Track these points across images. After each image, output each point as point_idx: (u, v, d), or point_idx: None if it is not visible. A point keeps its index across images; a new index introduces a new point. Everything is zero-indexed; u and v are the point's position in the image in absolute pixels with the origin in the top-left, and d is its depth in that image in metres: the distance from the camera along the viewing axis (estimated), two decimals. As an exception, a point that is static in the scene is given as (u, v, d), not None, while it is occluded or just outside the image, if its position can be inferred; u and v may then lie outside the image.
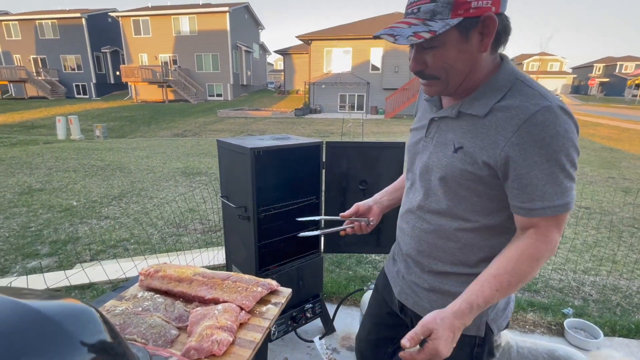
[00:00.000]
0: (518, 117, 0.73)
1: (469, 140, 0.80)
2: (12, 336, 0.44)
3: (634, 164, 7.77)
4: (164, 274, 0.97)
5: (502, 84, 0.77)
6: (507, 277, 0.75)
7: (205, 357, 0.73)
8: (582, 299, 2.66)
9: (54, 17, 26.89)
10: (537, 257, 0.76)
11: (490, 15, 0.70)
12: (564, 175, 0.73)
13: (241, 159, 1.74)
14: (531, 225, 0.77)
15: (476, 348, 0.93)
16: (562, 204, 0.74)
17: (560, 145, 0.71)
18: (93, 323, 0.52)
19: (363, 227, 1.09)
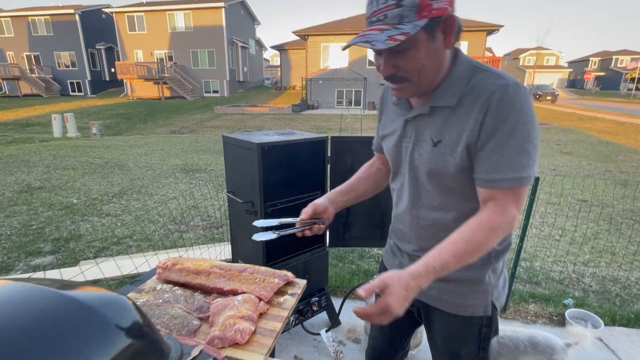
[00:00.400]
0: (481, 97, 0.79)
1: (445, 133, 0.84)
2: (57, 323, 0.45)
3: (631, 157, 7.85)
4: (181, 266, 0.98)
5: (464, 73, 0.83)
6: (463, 244, 0.79)
7: (228, 345, 0.75)
8: (582, 290, 2.71)
9: (47, 14, 26.54)
10: (492, 227, 0.80)
11: (450, 14, 0.76)
12: (519, 150, 0.78)
13: (248, 154, 1.75)
14: (490, 197, 0.81)
15: (484, 328, 0.98)
16: (516, 178, 0.78)
17: (516, 120, 0.77)
18: (128, 311, 0.53)
19: (320, 229, 1.07)
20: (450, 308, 0.98)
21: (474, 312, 0.96)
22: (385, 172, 1.17)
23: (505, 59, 50.16)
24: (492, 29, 20.03)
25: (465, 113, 0.81)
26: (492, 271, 0.95)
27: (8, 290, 0.48)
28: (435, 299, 1.00)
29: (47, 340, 0.43)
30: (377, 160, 1.19)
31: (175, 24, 25.33)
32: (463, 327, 0.99)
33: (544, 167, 6.95)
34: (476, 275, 0.93)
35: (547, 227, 3.93)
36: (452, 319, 0.99)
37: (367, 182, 1.17)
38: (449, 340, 1.03)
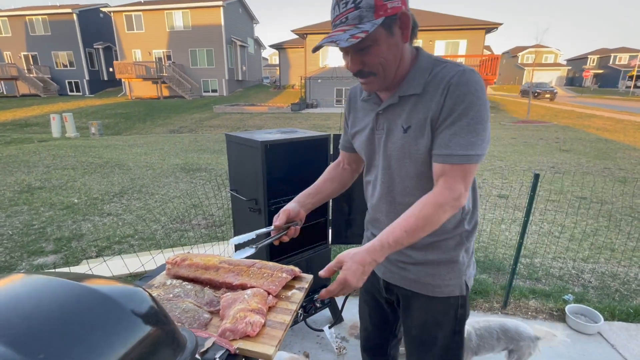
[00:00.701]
0: (442, 82, 0.87)
1: (413, 118, 0.91)
2: (79, 314, 0.47)
3: (629, 155, 7.88)
4: (190, 262, 1.00)
5: (426, 66, 0.92)
6: (414, 219, 0.85)
7: (239, 337, 0.77)
8: (582, 286, 2.73)
9: (45, 13, 26.43)
10: (441, 203, 0.86)
11: (404, 12, 0.85)
12: (470, 129, 0.85)
13: (251, 152, 1.76)
14: (442, 173, 0.88)
15: (459, 309, 1.05)
16: (465, 155, 0.85)
17: (471, 102, 0.84)
18: (146, 302, 0.55)
19: (296, 231, 1.12)
20: (429, 290, 1.03)
21: (450, 292, 1.03)
22: (350, 172, 1.25)
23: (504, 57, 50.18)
24: (491, 27, 20.05)
25: (429, 98, 0.89)
26: (465, 251, 1.03)
27: (32, 283, 0.49)
28: (414, 283, 1.05)
29: (71, 329, 0.45)
30: (343, 160, 1.25)
31: (173, 23, 25.26)
32: (441, 309, 1.05)
33: (544, 165, 6.98)
34: (452, 256, 1.01)
35: (547, 223, 3.96)
36: (431, 302, 1.05)
37: (333, 183, 1.22)
38: (427, 325, 1.08)
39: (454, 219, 0.98)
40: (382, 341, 1.33)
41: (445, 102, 0.86)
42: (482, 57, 18.17)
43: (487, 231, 3.74)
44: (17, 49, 27.66)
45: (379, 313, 1.26)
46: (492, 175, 5.94)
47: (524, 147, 9.10)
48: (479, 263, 3.03)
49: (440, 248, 1.00)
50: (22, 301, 0.45)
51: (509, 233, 3.70)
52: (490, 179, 5.68)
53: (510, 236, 3.62)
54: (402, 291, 1.10)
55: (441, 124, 0.87)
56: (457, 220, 0.99)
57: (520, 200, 4.62)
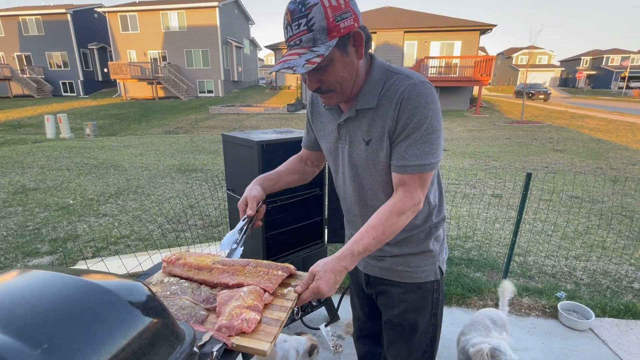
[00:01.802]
0: (394, 96, 0.91)
1: (373, 132, 0.96)
2: (81, 307, 0.48)
3: (621, 155, 7.99)
4: (184, 261, 1.01)
5: (379, 77, 0.94)
6: (381, 228, 0.91)
7: (235, 334, 0.78)
8: (574, 283, 2.78)
9: (38, 13, 26.20)
10: (403, 211, 0.93)
11: (357, 31, 0.86)
12: (424, 140, 0.90)
13: (248, 152, 1.78)
14: (401, 183, 0.94)
15: (434, 294, 1.13)
16: (421, 164, 0.91)
17: (423, 114, 0.89)
18: (145, 295, 0.56)
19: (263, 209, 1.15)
20: (406, 277, 1.10)
21: (426, 277, 1.10)
22: (311, 167, 1.29)
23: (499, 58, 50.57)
24: (485, 29, 20.21)
25: (385, 112, 0.93)
26: (435, 239, 1.10)
27: (35, 278, 0.51)
28: (392, 272, 1.11)
29: (73, 321, 0.46)
30: (306, 157, 1.28)
31: (168, 24, 25.16)
32: (418, 294, 1.11)
33: (537, 165, 7.05)
34: (424, 247, 1.08)
35: (539, 222, 4.01)
36: (409, 289, 1.11)
37: (294, 175, 1.26)
38: (407, 312, 1.13)
39: (422, 214, 1.05)
40: (374, 330, 1.39)
41: (399, 117, 0.90)
42: (476, 58, 18.31)
43: (482, 230, 3.78)
44: (10, 49, 27.39)
45: (368, 302, 1.33)
46: (486, 175, 6.00)
47: (518, 147, 9.19)
48: (473, 261, 3.07)
49: (412, 241, 1.07)
50: (26, 294, 0.47)
51: (503, 232, 3.75)
52: (485, 179, 5.73)
53: (505, 235, 3.67)
54: (381, 282, 1.15)
55: (397, 137, 0.92)
56: (425, 216, 1.06)
57: (514, 199, 4.67)
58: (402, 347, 1.17)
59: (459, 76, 18.38)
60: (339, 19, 0.82)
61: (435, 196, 1.07)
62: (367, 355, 1.46)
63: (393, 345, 1.19)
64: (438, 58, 19.08)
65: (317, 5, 0.80)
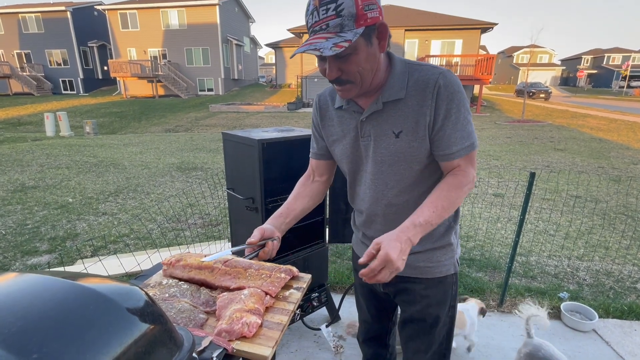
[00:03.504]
0: (427, 85, 0.91)
1: (404, 123, 0.94)
2: (75, 312, 0.46)
3: (623, 154, 7.96)
4: (184, 263, 0.99)
5: (402, 70, 0.94)
6: (441, 202, 0.92)
7: (236, 338, 0.76)
8: (577, 284, 2.75)
9: (38, 11, 26.11)
10: (461, 186, 0.94)
11: (382, 23, 0.86)
12: (466, 122, 0.93)
13: (248, 150, 1.75)
14: (453, 166, 0.96)
15: (453, 286, 1.14)
16: (470, 144, 0.94)
17: (460, 99, 0.91)
18: (142, 300, 0.54)
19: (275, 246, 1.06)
20: (429, 273, 1.10)
21: (447, 271, 1.11)
22: (321, 184, 1.23)
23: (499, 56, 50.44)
24: (486, 27, 20.15)
25: (417, 102, 0.92)
26: (455, 233, 1.11)
27: (26, 282, 0.48)
28: (414, 269, 1.10)
29: (66, 329, 0.44)
30: (314, 171, 1.22)
31: (168, 22, 25.08)
32: (440, 289, 1.12)
33: (539, 164, 7.03)
34: (444, 241, 1.08)
35: (542, 222, 3.99)
36: (431, 284, 1.11)
37: (304, 200, 1.20)
38: (429, 307, 1.13)
39: None
40: (381, 331, 1.37)
41: (438, 105, 0.91)
42: (477, 56, 18.26)
43: (483, 230, 3.76)
44: (9, 46, 27.32)
45: (376, 304, 1.32)
46: (487, 174, 5.98)
47: (519, 146, 9.16)
48: (475, 261, 3.05)
49: (434, 236, 1.07)
50: (16, 300, 0.45)
51: (505, 232, 3.72)
52: (486, 178, 5.71)
53: (506, 235, 3.64)
54: (402, 280, 1.12)
55: (441, 126, 0.92)
56: None
57: (515, 199, 4.64)
58: (422, 342, 1.16)
59: (460, 75, 18.31)
60: (367, 8, 0.82)
61: None
62: (372, 357, 1.45)
63: (413, 340, 1.18)
64: (439, 57, 19.03)
65: None
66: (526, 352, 1.67)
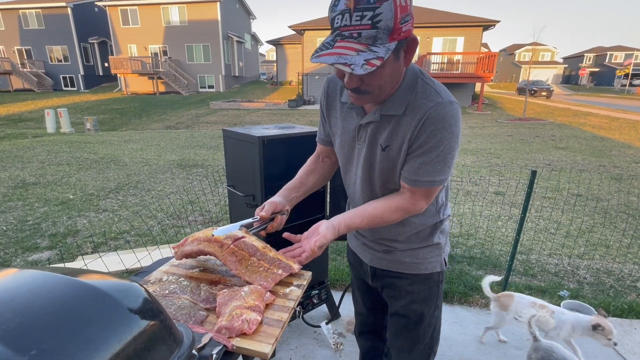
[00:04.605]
0: (419, 113, 0.88)
1: (393, 139, 0.94)
2: (73, 309, 0.46)
3: (624, 152, 7.94)
4: (193, 238, 0.99)
5: (410, 83, 0.90)
6: (379, 220, 0.99)
7: (236, 335, 0.76)
8: (577, 282, 2.75)
9: (38, 7, 26.04)
10: (405, 213, 0.99)
11: (414, 37, 0.82)
12: (439, 159, 0.90)
13: (249, 147, 1.74)
14: (408, 190, 0.97)
15: (440, 284, 1.15)
16: (431, 180, 0.93)
17: (442, 137, 0.88)
18: (141, 297, 0.54)
19: (283, 220, 1.13)
20: (414, 269, 1.11)
21: (432, 268, 1.12)
22: (330, 165, 1.25)
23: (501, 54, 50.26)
24: (489, 25, 20.04)
25: (407, 122, 0.91)
26: (441, 232, 1.12)
27: (25, 277, 0.48)
28: (400, 264, 1.12)
29: (64, 325, 0.44)
30: (322, 153, 1.24)
31: (169, 18, 25.01)
32: (425, 285, 1.13)
33: (540, 162, 7.01)
34: (429, 241, 1.10)
35: (543, 220, 3.98)
36: (417, 280, 1.12)
37: (315, 176, 1.22)
38: (413, 303, 1.14)
39: (430, 213, 1.07)
40: (377, 325, 1.38)
41: (419, 134, 0.89)
42: (479, 54, 18.18)
43: (484, 228, 3.75)
44: (10, 43, 27.27)
45: (370, 296, 1.32)
46: (488, 173, 5.97)
47: (521, 144, 9.14)
48: (475, 259, 3.04)
49: (420, 237, 1.09)
50: (15, 296, 0.44)
51: (505, 230, 3.72)
52: (487, 176, 5.70)
53: (507, 233, 3.64)
54: (388, 274, 1.15)
55: (413, 152, 0.92)
56: (433, 214, 1.07)
57: (516, 197, 4.64)
58: (405, 340, 1.17)
59: (461, 72, 18.26)
60: (402, 21, 0.77)
61: (442, 196, 1.08)
62: (369, 351, 1.45)
63: (397, 337, 1.19)
64: (440, 54, 18.95)
65: (389, 2, 0.73)
66: (538, 358, 1.63)
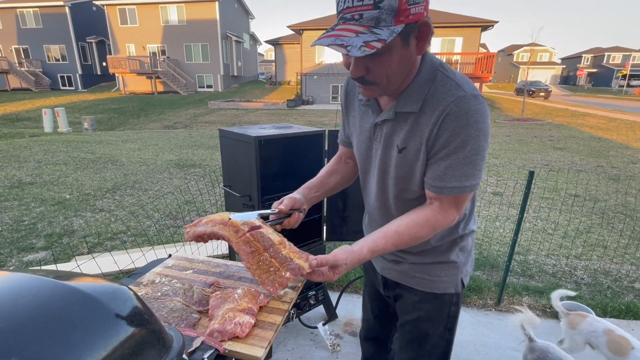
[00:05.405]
0: (438, 109, 0.79)
1: (410, 140, 0.85)
2: (58, 313, 0.44)
3: (622, 153, 7.96)
4: (208, 219, 0.95)
5: (427, 76, 0.82)
6: (407, 237, 0.86)
7: (228, 339, 0.75)
8: (575, 283, 2.75)
9: (36, 6, 25.92)
10: (435, 226, 0.87)
11: (425, 21, 0.74)
12: (467, 161, 0.80)
13: (245, 147, 1.73)
14: (436, 199, 0.87)
15: (452, 307, 1.04)
16: (460, 186, 0.82)
17: (468, 134, 0.77)
18: (130, 300, 0.52)
19: (299, 218, 1.08)
20: (424, 285, 1.02)
21: (445, 289, 1.01)
22: (353, 166, 1.18)
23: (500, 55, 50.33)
24: (487, 25, 20.08)
25: (425, 120, 0.81)
26: (460, 250, 1.00)
27: (8, 281, 0.47)
28: (410, 278, 1.04)
29: (48, 330, 0.42)
30: (344, 154, 1.20)
31: (168, 17, 24.94)
32: (435, 305, 1.03)
33: (538, 162, 7.02)
34: (445, 257, 0.99)
35: (540, 221, 3.98)
36: (425, 297, 1.03)
37: (337, 177, 1.17)
38: (419, 321, 1.06)
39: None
40: (383, 333, 1.34)
41: (440, 133, 0.79)
42: (477, 54, 18.22)
43: (482, 228, 3.75)
44: (7, 41, 27.15)
45: (380, 304, 1.27)
46: (486, 173, 5.97)
47: (519, 144, 9.15)
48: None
49: (435, 252, 0.99)
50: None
51: (503, 230, 3.72)
52: (485, 176, 5.70)
53: (505, 233, 3.64)
54: (398, 286, 1.09)
55: (435, 154, 0.82)
56: (451, 227, 0.97)
57: (514, 197, 4.64)
58: (409, 355, 1.11)
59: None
60: (411, 2, 0.70)
61: (466, 207, 0.97)
62: (371, 357, 1.40)
63: (402, 350, 1.14)
64: (439, 54, 18.96)
65: None
66: (534, 358, 1.64)
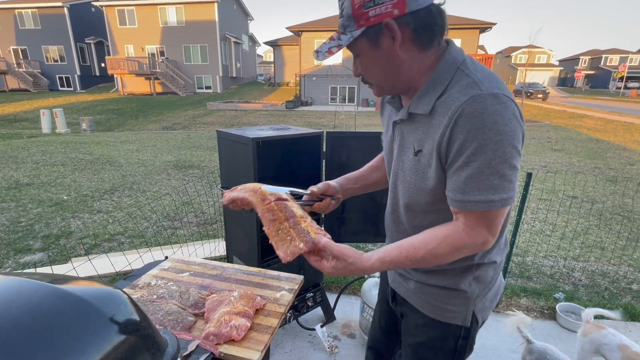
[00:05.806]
0: (450, 110, 0.71)
1: (425, 143, 0.78)
2: (50, 317, 0.44)
3: (619, 154, 7.98)
4: (243, 186, 0.96)
5: (443, 76, 0.75)
6: (423, 253, 0.75)
7: (224, 342, 0.74)
8: (573, 284, 2.75)
9: (35, 6, 25.89)
10: (458, 246, 0.75)
11: (387, 22, 0.71)
12: (489, 172, 0.69)
13: (243, 149, 1.73)
14: (460, 214, 0.75)
15: (460, 340, 0.92)
16: (485, 200, 0.70)
17: (484, 139, 0.67)
18: (124, 304, 0.52)
19: (331, 205, 1.04)
20: (429, 310, 0.93)
21: (451, 319, 0.90)
22: None
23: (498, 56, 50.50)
24: (485, 27, 20.16)
25: (437, 124, 0.74)
26: (475, 280, 0.88)
27: (2, 285, 0.46)
28: (415, 297, 0.96)
29: (39, 335, 0.42)
30: None
31: (166, 19, 24.94)
32: (438, 334, 0.93)
33: (536, 164, 7.03)
34: (453, 284, 0.88)
35: (538, 222, 3.99)
36: (429, 323, 0.94)
37: (379, 173, 1.13)
38: (420, 347, 0.98)
39: None
40: (386, 348, 1.28)
41: (453, 137, 0.70)
42: (475, 56, 18.26)
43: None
44: (6, 42, 27.09)
45: (387, 318, 1.21)
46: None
47: (517, 146, 9.16)
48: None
49: (445, 275, 0.88)
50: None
51: (501, 232, 3.72)
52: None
53: (503, 235, 3.64)
54: (405, 303, 1.01)
55: (452, 163, 0.72)
56: None
57: (512, 199, 4.64)
58: None
59: (458, 74, 18.31)
60: (368, 5, 0.71)
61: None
62: None
63: None
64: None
65: None
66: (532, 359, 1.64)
